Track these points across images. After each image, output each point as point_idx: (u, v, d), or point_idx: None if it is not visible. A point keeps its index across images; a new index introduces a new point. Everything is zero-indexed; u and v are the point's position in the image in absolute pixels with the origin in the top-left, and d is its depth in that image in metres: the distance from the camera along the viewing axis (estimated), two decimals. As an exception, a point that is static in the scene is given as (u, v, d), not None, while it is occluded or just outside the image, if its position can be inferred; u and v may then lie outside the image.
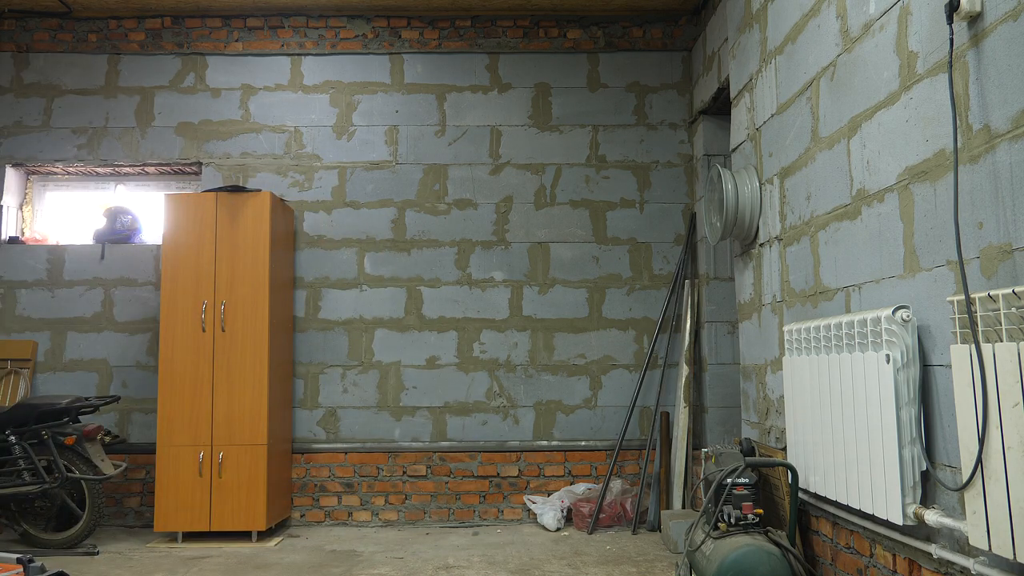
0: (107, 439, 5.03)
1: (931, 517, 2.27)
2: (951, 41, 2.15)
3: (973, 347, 1.96)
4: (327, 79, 5.52)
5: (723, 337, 5.10)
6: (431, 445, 5.25)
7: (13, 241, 5.43)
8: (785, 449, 3.46)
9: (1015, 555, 1.83)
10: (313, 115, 5.50)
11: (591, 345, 5.35)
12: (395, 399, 5.31)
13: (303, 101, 5.52)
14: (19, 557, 2.95)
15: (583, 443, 5.26)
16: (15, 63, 5.54)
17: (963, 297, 2.02)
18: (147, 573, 4.04)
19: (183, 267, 4.85)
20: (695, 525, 3.34)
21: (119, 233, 5.44)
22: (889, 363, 2.39)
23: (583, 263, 5.41)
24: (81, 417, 5.43)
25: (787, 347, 3.28)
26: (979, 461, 1.95)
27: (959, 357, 2.03)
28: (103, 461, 4.61)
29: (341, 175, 5.46)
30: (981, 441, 1.94)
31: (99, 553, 4.46)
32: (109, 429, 5.27)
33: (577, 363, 5.35)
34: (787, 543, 2.99)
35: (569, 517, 5.14)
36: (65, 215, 5.75)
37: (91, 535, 4.65)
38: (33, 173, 5.68)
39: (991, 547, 1.91)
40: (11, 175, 5.51)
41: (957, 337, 2.06)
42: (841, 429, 2.75)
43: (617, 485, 5.05)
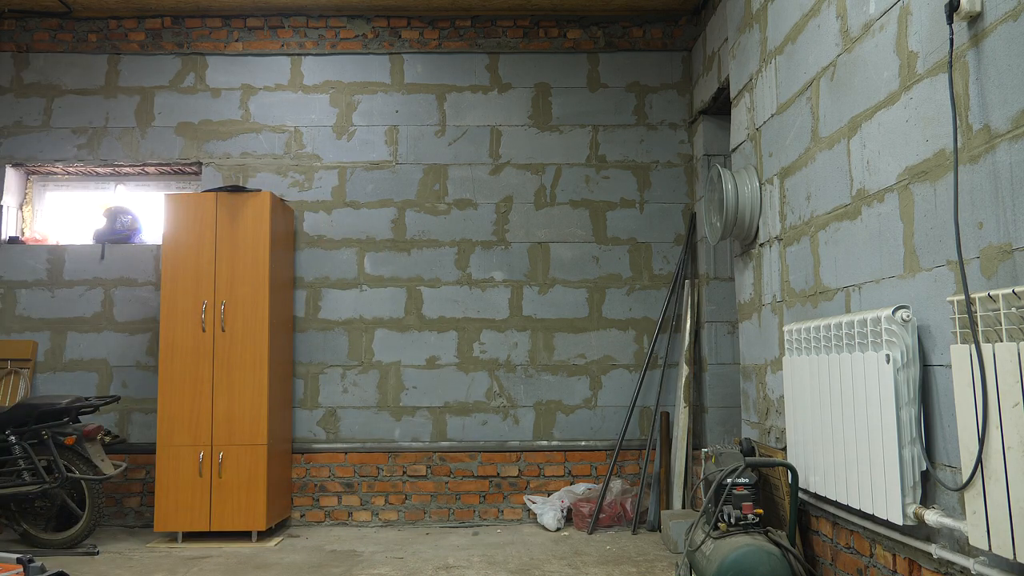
0: (107, 439, 5.03)
1: (931, 517, 2.27)
2: (951, 41, 2.15)
3: (973, 347, 1.96)
4: (327, 79, 5.52)
5: (723, 337, 5.10)
6: (431, 445, 5.25)
7: (13, 241, 5.44)
8: (785, 449, 3.46)
9: (1015, 555, 1.83)
10: (313, 115, 5.50)
11: (591, 345, 5.35)
12: (395, 399, 5.31)
13: (303, 101, 5.52)
14: (19, 557, 2.95)
15: (583, 443, 5.27)
16: (15, 63, 5.54)
17: (963, 297, 2.02)
18: (147, 573, 4.04)
19: (183, 267, 4.85)
20: (695, 525, 3.34)
21: (119, 233, 5.45)
22: (889, 363, 2.39)
23: (583, 263, 5.41)
24: (81, 417, 5.43)
25: (787, 347, 3.28)
26: (979, 461, 1.95)
27: (959, 357, 2.03)
28: (103, 461, 4.61)
29: (341, 175, 5.46)
30: (981, 441, 1.94)
31: (99, 553, 4.47)
32: (109, 429, 5.27)
33: (577, 363, 5.35)
34: (787, 543, 2.99)
35: (569, 517, 5.14)
36: (65, 215, 5.75)
37: (91, 535, 4.65)
38: (33, 173, 5.68)
39: (991, 547, 1.91)
40: (11, 175, 5.51)
41: (957, 337, 2.06)
42: (841, 429, 2.75)
43: (617, 485, 5.05)
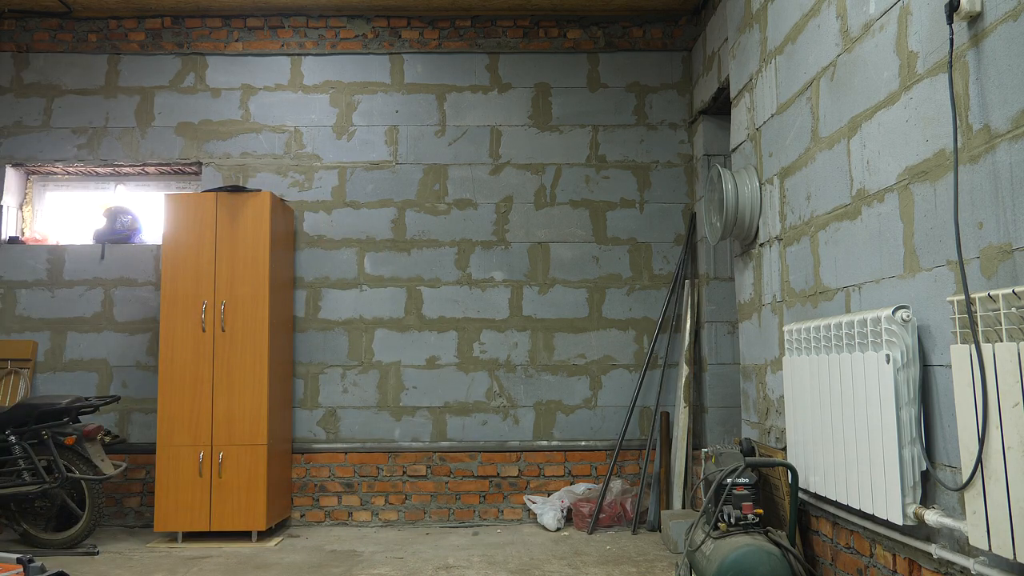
0: (107, 439, 5.03)
1: (931, 517, 2.27)
2: (951, 41, 2.15)
3: (973, 347, 1.96)
4: (327, 79, 5.52)
5: (723, 337, 5.10)
6: (431, 445, 5.25)
7: (13, 241, 5.44)
8: (785, 449, 3.46)
9: (1015, 555, 1.83)
10: (313, 115, 5.50)
11: (591, 345, 5.35)
12: (395, 399, 5.31)
13: (303, 101, 5.52)
14: (19, 557, 2.95)
15: (583, 443, 5.26)
16: (15, 63, 5.54)
17: (963, 297, 2.02)
18: (147, 573, 4.04)
19: (183, 267, 4.85)
20: (695, 525, 3.34)
21: (119, 233, 5.45)
22: (889, 363, 2.39)
23: (583, 263, 5.41)
24: (81, 417, 5.43)
25: (787, 347, 3.28)
26: (979, 461, 1.95)
27: (959, 357, 2.03)
28: (103, 461, 4.61)
29: (341, 175, 5.46)
30: (981, 441, 1.94)
31: (99, 553, 4.46)
32: (109, 429, 5.27)
33: (577, 363, 5.35)
34: (787, 543, 2.99)
35: (569, 517, 5.14)
36: (65, 215, 5.75)
37: (91, 535, 4.65)
38: (33, 173, 5.68)
39: (991, 547, 1.91)
40: (11, 175, 5.51)
41: (957, 337, 2.06)
42: (841, 429, 2.75)
43: (617, 485, 5.05)
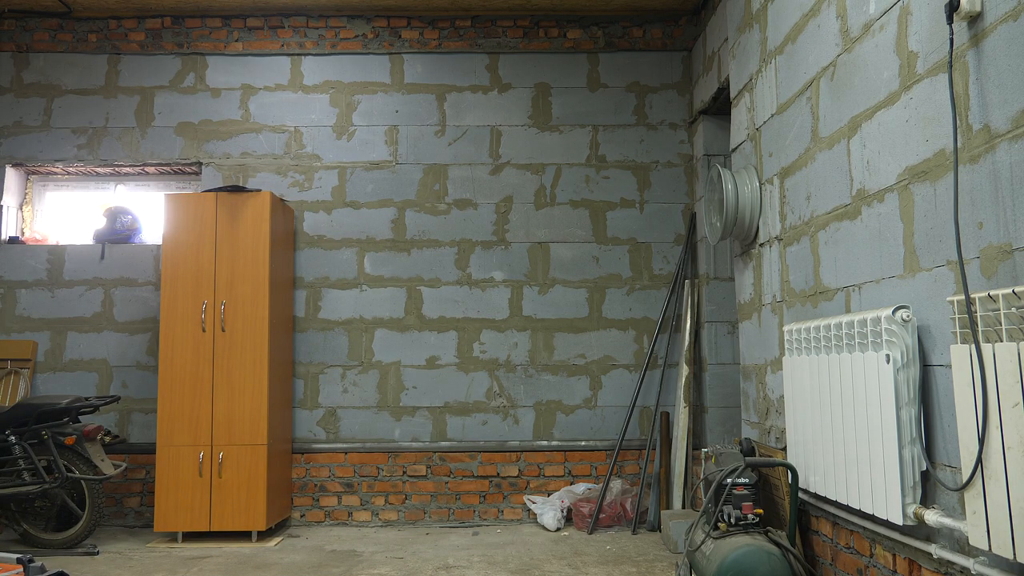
0: (107, 439, 5.03)
1: (931, 517, 2.27)
2: (951, 41, 2.15)
3: (973, 347, 1.96)
4: (327, 79, 5.52)
5: (723, 337, 5.10)
6: (431, 445, 5.25)
7: (13, 241, 5.44)
8: (785, 449, 3.46)
9: (1015, 555, 1.83)
10: (313, 115, 5.50)
11: (591, 345, 5.35)
12: (395, 399, 5.31)
13: (303, 101, 5.52)
14: (19, 557, 2.95)
15: (583, 443, 5.26)
16: (15, 63, 5.54)
17: (963, 297, 2.02)
18: (147, 573, 4.04)
19: (183, 267, 4.85)
20: (695, 525, 3.34)
21: (119, 233, 5.45)
22: (889, 363, 2.39)
23: (583, 263, 5.41)
24: (81, 417, 5.43)
25: (787, 347, 3.28)
26: (979, 461, 1.95)
27: (959, 357, 2.03)
28: (103, 461, 4.61)
29: (341, 175, 5.46)
30: (981, 441, 1.94)
31: (99, 553, 4.46)
32: (109, 429, 5.27)
33: (577, 363, 5.35)
34: (787, 543, 2.99)
35: (569, 517, 5.14)
36: (65, 215, 5.75)
37: (91, 535, 4.65)
38: (33, 173, 5.68)
39: (991, 547, 1.91)
40: (11, 175, 5.51)
41: (957, 337, 2.06)
42: (841, 429, 2.75)
43: (617, 485, 5.05)
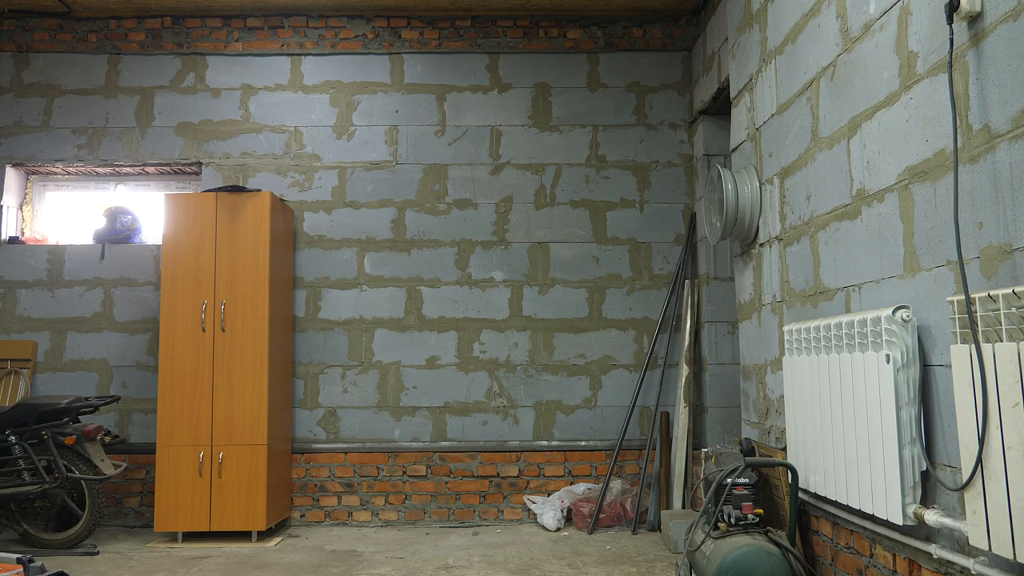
0: (107, 439, 5.03)
1: (931, 517, 2.27)
2: (951, 41, 2.15)
3: (973, 347, 1.96)
4: (327, 79, 5.52)
5: (723, 337, 5.10)
6: (431, 445, 5.25)
7: (13, 241, 5.44)
8: (785, 449, 3.46)
9: (1015, 555, 1.83)
10: (313, 115, 5.50)
11: (591, 345, 5.35)
12: (395, 399, 5.31)
13: (303, 101, 5.52)
14: (19, 557, 2.95)
15: (583, 443, 5.26)
16: (15, 63, 5.54)
17: (963, 297, 2.02)
18: (147, 573, 4.04)
19: (183, 267, 4.85)
20: (695, 525, 3.34)
21: (119, 233, 5.45)
22: (889, 363, 2.39)
23: (583, 263, 5.41)
24: (81, 417, 5.43)
25: (787, 347, 3.28)
26: (979, 461, 1.95)
27: (959, 357, 2.03)
28: (103, 461, 4.61)
29: (341, 175, 5.46)
30: (981, 441, 1.94)
31: (99, 553, 4.46)
32: (109, 429, 5.27)
33: (577, 363, 5.35)
34: (787, 543, 2.99)
35: (569, 517, 5.14)
36: (65, 215, 5.75)
37: (91, 535, 4.65)
38: (33, 173, 5.68)
39: (991, 547, 1.91)
40: (11, 175, 5.51)
41: (957, 337, 2.06)
42: (841, 429, 2.75)
43: (617, 485, 5.05)
